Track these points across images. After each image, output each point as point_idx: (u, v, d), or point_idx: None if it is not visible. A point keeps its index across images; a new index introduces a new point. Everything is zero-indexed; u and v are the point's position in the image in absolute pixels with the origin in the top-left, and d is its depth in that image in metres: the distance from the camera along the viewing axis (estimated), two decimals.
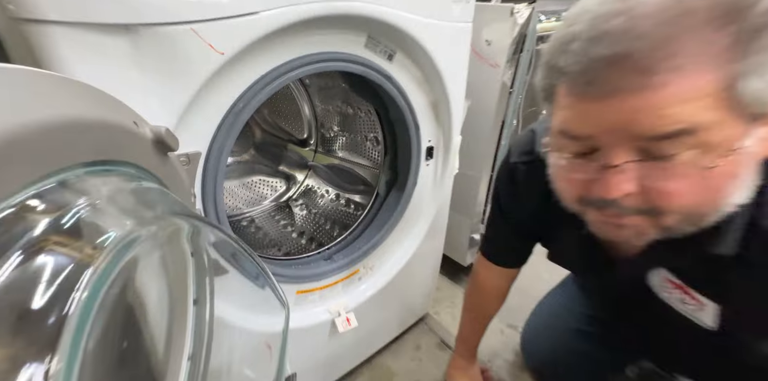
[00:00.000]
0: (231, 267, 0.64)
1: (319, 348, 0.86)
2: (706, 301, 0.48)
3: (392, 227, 0.92)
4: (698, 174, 0.33)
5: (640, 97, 0.31)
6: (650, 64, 0.30)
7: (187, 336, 0.47)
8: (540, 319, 0.99)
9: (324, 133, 1.34)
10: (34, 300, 0.22)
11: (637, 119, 0.32)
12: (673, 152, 0.33)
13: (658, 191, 0.35)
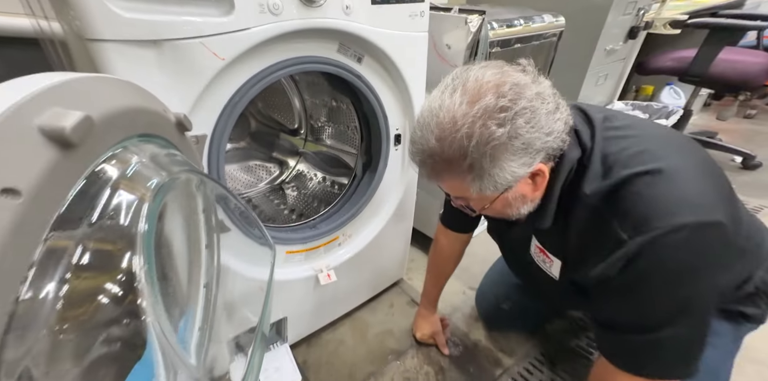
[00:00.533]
0: (233, 226, 0.77)
1: (306, 298, 1.01)
2: (554, 258, 0.68)
3: (367, 202, 1.06)
4: (483, 207, 0.60)
5: (441, 185, 0.60)
6: (436, 178, 0.57)
7: (202, 270, 0.60)
8: (489, 278, 1.16)
9: (312, 123, 1.47)
10: (121, 219, 0.35)
11: (447, 190, 0.62)
12: (467, 202, 0.62)
13: (470, 208, 0.63)
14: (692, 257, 0.51)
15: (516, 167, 0.52)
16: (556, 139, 0.53)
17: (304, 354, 1.07)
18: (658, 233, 0.50)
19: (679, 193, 0.51)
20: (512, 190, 0.56)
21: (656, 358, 0.57)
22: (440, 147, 0.52)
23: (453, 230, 0.98)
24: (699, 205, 0.50)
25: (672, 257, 0.51)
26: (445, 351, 1.08)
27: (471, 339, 1.13)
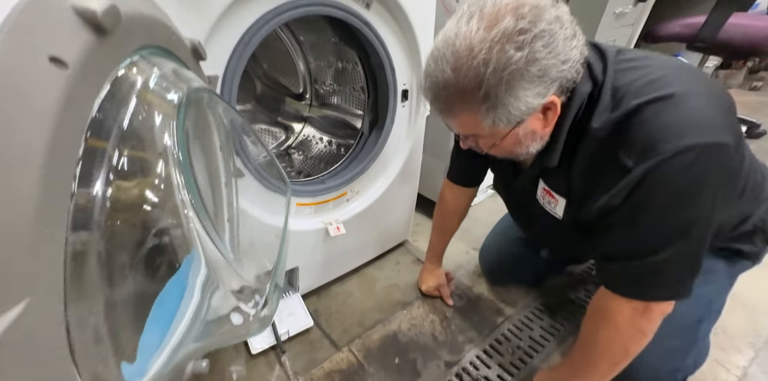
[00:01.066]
0: (246, 171, 0.78)
1: (316, 250, 1.03)
2: (559, 198, 0.69)
3: (374, 159, 1.06)
4: (493, 145, 0.61)
5: (453, 123, 0.60)
6: (449, 113, 0.58)
7: (224, 204, 0.61)
8: (492, 235, 1.18)
9: (317, 88, 1.45)
10: (151, 129, 0.36)
11: (458, 128, 0.62)
12: (477, 140, 0.63)
13: (480, 148, 0.64)
14: (696, 179, 0.51)
15: (531, 97, 0.52)
16: (571, 68, 0.52)
17: (315, 304, 1.10)
18: (664, 157, 0.50)
19: (687, 116, 0.50)
20: (523, 125, 0.56)
21: (656, 281, 0.59)
22: (455, 77, 0.51)
23: (459, 185, 0.99)
24: (707, 126, 0.50)
25: (676, 180, 0.51)
26: (449, 301, 1.11)
27: (474, 292, 1.17)
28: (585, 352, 0.71)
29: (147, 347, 0.43)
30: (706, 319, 0.79)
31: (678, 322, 0.75)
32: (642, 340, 0.64)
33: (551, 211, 0.72)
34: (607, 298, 0.64)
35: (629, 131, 0.53)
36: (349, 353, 0.95)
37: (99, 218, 0.29)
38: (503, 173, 0.85)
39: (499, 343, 0.99)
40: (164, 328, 0.46)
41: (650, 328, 0.62)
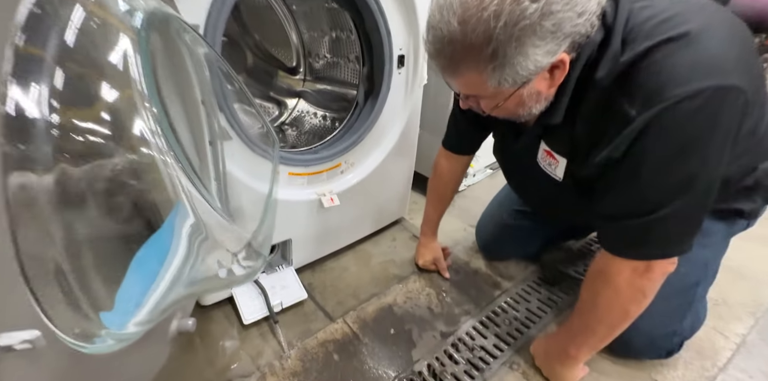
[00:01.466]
0: (234, 134, 0.75)
1: (310, 222, 1.00)
2: (560, 158, 0.66)
3: (369, 129, 1.02)
4: (495, 107, 0.58)
5: (455, 82, 0.56)
6: (452, 71, 0.53)
7: (210, 164, 0.58)
8: (488, 209, 1.16)
9: (312, 62, 1.40)
10: (116, 66, 0.32)
11: (457, 87, 0.58)
12: (478, 101, 0.59)
13: (481, 109, 0.61)
14: (704, 127, 0.48)
15: (540, 55, 0.48)
16: (586, 21, 0.48)
17: (309, 278, 1.08)
18: (669, 104, 0.47)
19: (699, 57, 0.47)
20: (528, 85, 0.52)
21: (657, 239, 0.56)
22: (462, 31, 0.47)
23: (455, 153, 0.96)
24: (719, 68, 0.47)
25: (681, 128, 0.48)
26: (446, 275, 1.09)
27: (471, 267, 1.15)
28: (583, 316, 0.70)
29: (129, 297, 0.41)
30: (703, 281, 0.77)
31: (675, 284, 0.73)
32: (643, 301, 0.62)
33: (551, 173, 0.70)
34: (606, 260, 0.61)
35: (635, 77, 0.49)
36: (343, 324, 0.93)
37: (40, 134, 0.26)
38: (504, 136, 0.82)
39: (496, 315, 0.97)
40: (148, 280, 0.44)
41: (652, 288, 0.60)
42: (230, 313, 0.96)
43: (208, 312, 0.96)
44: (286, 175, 0.92)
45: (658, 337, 0.77)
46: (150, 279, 0.44)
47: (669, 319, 0.76)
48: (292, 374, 0.81)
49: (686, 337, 0.79)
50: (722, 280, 1.00)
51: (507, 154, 0.85)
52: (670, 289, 0.73)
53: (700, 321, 0.82)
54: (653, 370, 0.83)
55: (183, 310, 0.55)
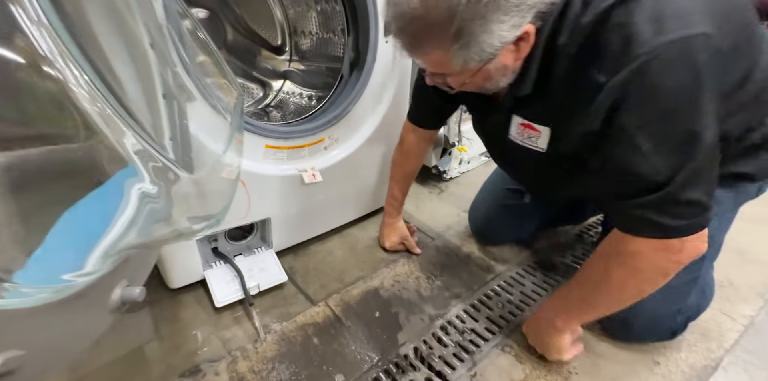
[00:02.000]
0: (198, 94, 0.68)
1: (290, 201, 0.94)
2: (542, 127, 0.61)
3: (354, 102, 0.96)
4: (463, 83, 0.56)
5: (422, 60, 0.54)
6: (416, 50, 0.52)
7: (154, 76, 0.51)
8: (480, 191, 1.11)
9: (297, 40, 1.33)
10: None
11: (424, 64, 0.56)
12: (445, 78, 0.57)
13: (448, 85, 0.58)
14: (681, 80, 0.44)
15: (505, 31, 0.46)
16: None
17: (291, 262, 1.01)
18: (637, 65, 0.43)
19: (661, 9, 0.43)
20: (495, 60, 0.50)
21: (676, 211, 0.50)
22: (424, 8, 0.45)
23: (422, 127, 0.91)
24: (680, 18, 0.43)
25: (658, 89, 0.44)
26: (417, 251, 1.04)
27: (464, 251, 1.09)
28: (586, 292, 0.64)
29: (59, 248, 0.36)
30: (708, 255, 0.71)
31: None
32: (661, 282, 0.57)
33: (532, 146, 0.64)
34: (623, 240, 0.56)
35: (598, 41, 0.46)
36: (325, 307, 0.87)
37: None
38: (476, 110, 0.78)
39: (488, 298, 0.91)
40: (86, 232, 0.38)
41: (677, 269, 0.55)
42: (202, 297, 0.89)
43: (178, 296, 0.89)
44: (262, 148, 0.85)
45: (661, 317, 0.71)
46: (89, 231, 0.39)
47: (673, 298, 0.71)
48: (267, 359, 0.74)
49: (691, 317, 0.74)
50: (728, 262, 0.96)
51: (483, 129, 0.80)
52: None
53: (707, 299, 0.76)
54: (656, 352, 0.77)
55: (131, 279, 0.48)
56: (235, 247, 0.95)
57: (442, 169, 1.44)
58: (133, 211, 0.42)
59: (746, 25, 0.53)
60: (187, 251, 0.84)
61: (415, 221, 1.19)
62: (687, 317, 0.73)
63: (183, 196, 0.49)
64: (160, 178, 0.42)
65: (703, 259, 0.71)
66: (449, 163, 1.43)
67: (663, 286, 0.65)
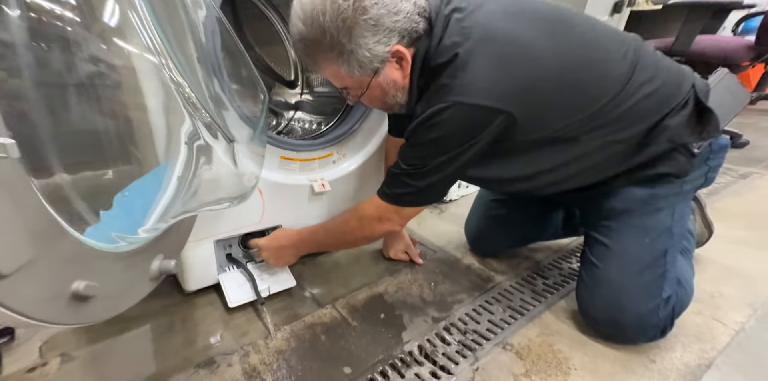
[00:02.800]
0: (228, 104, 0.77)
1: (300, 209, 1.00)
2: None
3: (361, 121, 1.06)
4: (362, 95, 0.69)
5: (324, 75, 0.68)
6: (314, 65, 0.67)
7: (201, 82, 0.59)
8: (472, 206, 1.19)
9: (309, 76, 1.48)
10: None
11: (330, 80, 0.70)
12: (350, 91, 0.70)
13: (362, 102, 0.73)
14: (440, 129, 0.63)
15: (372, 44, 0.59)
16: (406, 19, 0.59)
17: (299, 270, 1.06)
18: (442, 106, 0.61)
19: (467, 83, 0.60)
20: (382, 74, 0.65)
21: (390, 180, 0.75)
22: (305, 28, 0.59)
23: (398, 137, 1.00)
24: (469, 91, 0.60)
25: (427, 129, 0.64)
26: (419, 261, 1.09)
27: (464, 262, 1.13)
28: (330, 232, 0.87)
29: (139, 206, 0.44)
30: (670, 247, 0.77)
31: (644, 257, 0.76)
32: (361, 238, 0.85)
33: None
34: (369, 199, 0.79)
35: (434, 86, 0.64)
36: (332, 309, 0.90)
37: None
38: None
39: (489, 304, 0.95)
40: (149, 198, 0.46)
41: (374, 229, 0.81)
42: (215, 300, 0.92)
43: (192, 299, 0.92)
44: (278, 159, 0.93)
45: (645, 314, 0.75)
46: (150, 196, 0.47)
47: (649, 292, 0.75)
48: (277, 352, 0.76)
49: (676, 311, 0.77)
50: (718, 277, 1.02)
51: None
52: (641, 264, 0.76)
53: (686, 293, 0.80)
54: (651, 351, 0.79)
55: (168, 252, 0.54)
56: (247, 254, 1.00)
57: None
58: (174, 189, 0.49)
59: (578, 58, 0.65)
60: (205, 256, 0.89)
61: (417, 236, 1.24)
62: (672, 311, 0.76)
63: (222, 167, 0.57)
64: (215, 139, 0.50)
65: (665, 253, 0.76)
66: None
67: (637, 284, 0.75)
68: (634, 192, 0.77)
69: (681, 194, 0.78)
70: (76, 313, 0.35)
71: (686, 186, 0.78)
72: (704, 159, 0.77)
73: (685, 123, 0.71)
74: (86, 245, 0.35)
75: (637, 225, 0.78)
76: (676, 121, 0.70)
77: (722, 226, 1.13)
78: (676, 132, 0.71)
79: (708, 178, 0.81)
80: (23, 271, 0.27)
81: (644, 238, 0.77)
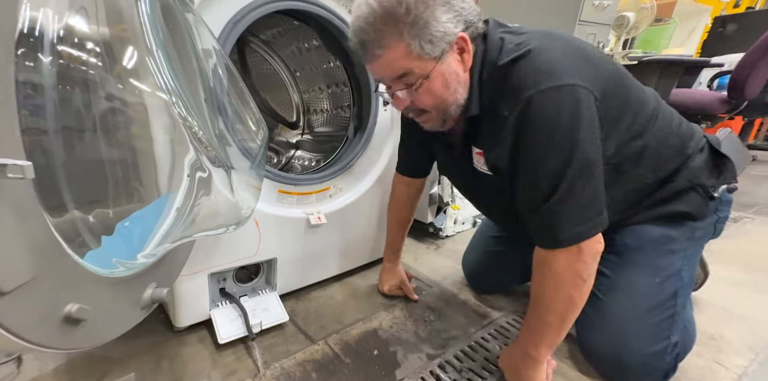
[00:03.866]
0: (231, 140, 0.81)
1: (296, 242, 1.01)
2: (480, 150, 0.73)
3: (357, 157, 1.10)
4: (424, 90, 0.64)
5: (377, 62, 0.63)
6: (374, 46, 0.61)
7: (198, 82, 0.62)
8: (471, 240, 1.20)
9: (310, 117, 1.56)
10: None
11: (386, 71, 0.64)
12: (410, 83, 0.63)
13: (416, 101, 0.66)
14: (555, 117, 0.58)
15: (446, 21, 0.59)
16: (471, 10, 0.62)
17: (293, 305, 1.04)
18: (523, 104, 0.58)
19: (538, 66, 0.59)
20: (445, 62, 0.62)
21: (569, 220, 0.61)
22: (378, 5, 0.57)
23: (408, 176, 1.03)
24: (553, 72, 0.59)
25: (540, 120, 0.59)
26: (414, 297, 1.07)
27: (460, 298, 1.12)
28: (536, 310, 0.70)
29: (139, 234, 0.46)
30: (681, 290, 0.77)
31: (654, 297, 0.75)
32: (583, 286, 0.64)
33: (483, 170, 0.75)
34: (542, 252, 0.66)
35: (500, 85, 0.62)
36: (324, 345, 0.88)
37: (48, 52, 0.32)
38: (443, 151, 0.88)
39: (485, 341, 0.92)
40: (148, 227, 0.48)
41: (587, 271, 0.64)
42: (205, 337, 0.90)
43: (181, 336, 0.90)
44: (276, 193, 0.96)
45: (651, 356, 0.73)
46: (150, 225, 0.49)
47: (657, 334, 0.74)
48: None
49: (680, 355, 0.76)
50: (719, 319, 1.02)
51: (451, 170, 0.92)
52: (650, 303, 0.75)
53: (690, 336, 0.79)
54: None
55: (161, 281, 0.54)
56: (241, 289, 0.99)
57: (438, 226, 1.53)
58: (173, 218, 0.52)
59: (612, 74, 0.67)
60: (198, 290, 0.88)
61: (414, 272, 1.24)
62: (676, 356, 0.75)
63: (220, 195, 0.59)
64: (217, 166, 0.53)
65: (677, 294, 0.76)
66: (444, 220, 1.53)
67: (645, 324, 0.74)
68: (650, 230, 0.79)
69: (693, 240, 0.81)
70: (65, 337, 0.35)
71: (698, 232, 0.81)
72: (714, 209, 0.81)
73: (703, 166, 0.77)
74: (84, 268, 0.36)
75: (648, 264, 0.79)
76: (696, 162, 0.76)
77: (718, 268, 1.14)
78: (696, 173, 0.76)
79: (717, 228, 0.84)
80: (22, 290, 0.29)
81: (655, 278, 0.77)
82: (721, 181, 0.78)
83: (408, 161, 1.02)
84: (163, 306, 0.97)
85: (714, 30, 3.10)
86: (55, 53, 0.31)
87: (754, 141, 3.41)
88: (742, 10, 3.68)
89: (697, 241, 0.81)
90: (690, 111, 1.90)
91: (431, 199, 1.52)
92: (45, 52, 0.30)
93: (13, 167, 0.24)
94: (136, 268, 0.44)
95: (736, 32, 2.95)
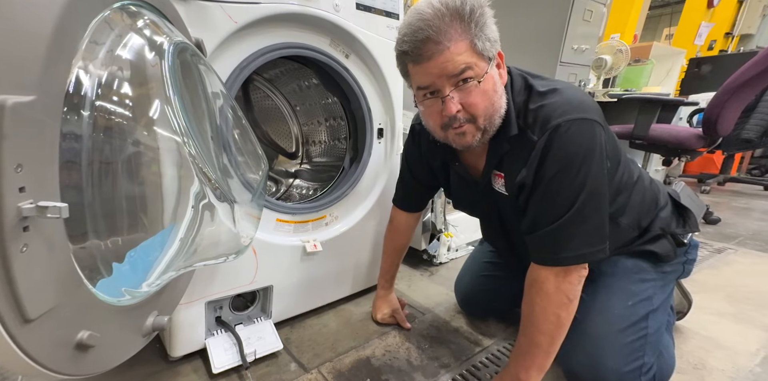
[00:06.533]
0: (234, 173, 0.85)
1: (292, 269, 1.03)
2: (501, 173, 0.78)
3: (352, 187, 1.15)
4: (479, 91, 0.64)
5: (441, 56, 0.62)
6: (437, 40, 0.61)
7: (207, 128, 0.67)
8: (465, 265, 1.22)
9: (309, 148, 1.62)
10: (148, 55, 0.46)
11: (445, 66, 0.62)
12: (469, 71, 0.63)
13: (468, 104, 0.66)
14: (579, 143, 0.64)
15: (494, 28, 0.64)
16: (498, 43, 0.66)
17: (287, 333, 1.04)
18: (552, 130, 0.65)
19: (568, 101, 0.67)
20: (493, 68, 0.66)
21: (565, 245, 0.66)
22: (445, 5, 0.60)
23: (405, 211, 1.08)
24: (580, 108, 0.66)
25: (564, 148, 0.65)
26: (406, 325, 1.08)
27: (452, 325, 1.12)
28: (525, 331, 0.73)
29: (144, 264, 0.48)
30: (652, 313, 0.82)
31: (626, 318, 0.80)
32: (569, 305, 0.69)
33: (502, 191, 0.78)
34: (536, 271, 0.71)
35: (532, 115, 0.68)
36: (318, 374, 0.88)
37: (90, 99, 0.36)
38: (462, 182, 0.91)
39: (476, 369, 0.93)
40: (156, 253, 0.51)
41: (573, 292, 0.69)
42: (199, 367, 0.90)
43: (176, 367, 0.90)
44: (273, 222, 0.99)
45: (626, 375, 0.75)
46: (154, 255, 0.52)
47: (629, 353, 0.77)
48: None
49: (656, 379, 0.77)
50: (702, 348, 1.05)
51: (471, 199, 0.94)
52: (622, 324, 0.81)
53: (667, 364, 0.83)
54: None
55: (162, 309, 0.56)
56: (237, 317, 1.00)
57: (431, 253, 1.55)
58: (176, 248, 0.55)
59: (612, 136, 0.75)
60: (194, 319, 0.89)
61: (408, 299, 1.25)
62: (652, 378, 0.77)
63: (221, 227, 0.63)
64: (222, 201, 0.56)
65: (647, 317, 0.81)
66: (438, 248, 1.56)
67: (618, 342, 0.77)
68: (623, 261, 0.87)
69: (663, 273, 0.88)
70: (75, 363, 0.37)
71: (667, 268, 0.89)
72: (684, 252, 0.91)
73: (670, 216, 0.88)
74: (96, 297, 0.39)
75: (621, 288, 0.84)
76: (665, 213, 0.87)
77: (701, 298, 1.17)
78: (666, 222, 0.87)
79: (686, 269, 0.93)
80: (44, 317, 0.31)
81: (627, 301, 0.82)
82: (687, 230, 0.89)
83: (405, 197, 1.07)
84: (159, 335, 0.97)
85: (690, 70, 3.31)
86: (93, 108, 0.36)
87: (737, 174, 3.53)
88: (716, 53, 3.93)
89: (667, 275, 0.89)
90: (669, 145, 1.99)
91: (425, 227, 1.55)
92: (86, 108, 0.35)
93: (52, 208, 0.28)
94: (140, 297, 0.47)
95: (710, 73, 3.14)
